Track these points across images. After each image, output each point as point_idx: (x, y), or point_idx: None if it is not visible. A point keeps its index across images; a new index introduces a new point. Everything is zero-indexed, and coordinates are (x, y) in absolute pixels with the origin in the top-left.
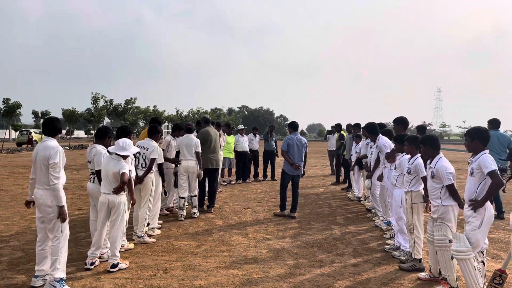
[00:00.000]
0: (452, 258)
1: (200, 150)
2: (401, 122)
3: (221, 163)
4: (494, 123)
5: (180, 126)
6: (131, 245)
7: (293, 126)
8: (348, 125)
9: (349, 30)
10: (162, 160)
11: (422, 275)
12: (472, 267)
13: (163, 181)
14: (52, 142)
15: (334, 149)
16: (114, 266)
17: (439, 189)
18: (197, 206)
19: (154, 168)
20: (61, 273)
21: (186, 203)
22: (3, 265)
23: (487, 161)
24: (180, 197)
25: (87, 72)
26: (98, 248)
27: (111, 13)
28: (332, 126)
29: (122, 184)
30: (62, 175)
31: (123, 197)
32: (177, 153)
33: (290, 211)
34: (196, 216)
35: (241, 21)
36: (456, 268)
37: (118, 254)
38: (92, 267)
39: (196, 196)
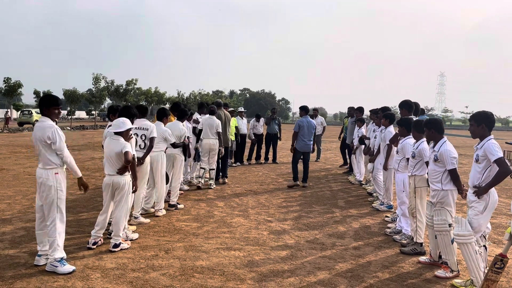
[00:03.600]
0: (452, 242)
1: (221, 130)
2: (404, 105)
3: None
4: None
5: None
6: (133, 227)
7: (305, 109)
8: (351, 108)
9: (354, 12)
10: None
11: (422, 258)
12: (474, 251)
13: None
14: (47, 122)
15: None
16: (116, 246)
17: (440, 173)
18: (214, 178)
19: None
20: (60, 253)
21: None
22: (5, 244)
23: (493, 148)
24: (201, 167)
25: (89, 52)
26: (102, 228)
27: None
28: (314, 110)
29: (126, 164)
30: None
31: (127, 177)
32: (200, 131)
33: (302, 182)
34: (213, 187)
35: (244, 1)
36: (457, 252)
37: (121, 234)
38: (94, 246)
39: (214, 169)
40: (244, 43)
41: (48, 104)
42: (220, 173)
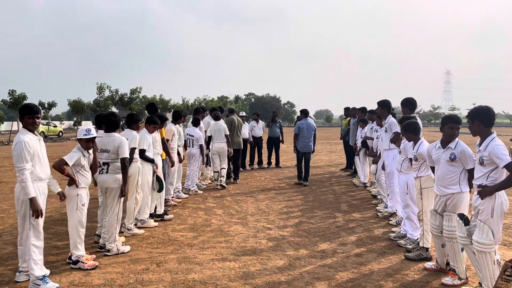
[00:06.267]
0: (462, 250)
1: (228, 133)
2: (406, 103)
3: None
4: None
5: (181, 114)
6: (122, 238)
7: (305, 112)
8: (353, 109)
9: (357, 13)
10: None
11: (428, 264)
12: (492, 261)
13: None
14: (18, 135)
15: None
16: (73, 262)
17: (458, 174)
18: (225, 176)
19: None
20: (40, 271)
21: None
22: None
23: (499, 151)
24: (214, 171)
25: (93, 62)
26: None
27: (116, 1)
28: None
29: (55, 168)
30: (41, 167)
31: (73, 191)
32: (209, 137)
33: (303, 180)
34: (225, 185)
35: (248, 7)
36: (466, 258)
37: (79, 247)
38: (76, 265)
39: (225, 168)
40: (248, 48)
41: (21, 113)
42: (232, 175)
